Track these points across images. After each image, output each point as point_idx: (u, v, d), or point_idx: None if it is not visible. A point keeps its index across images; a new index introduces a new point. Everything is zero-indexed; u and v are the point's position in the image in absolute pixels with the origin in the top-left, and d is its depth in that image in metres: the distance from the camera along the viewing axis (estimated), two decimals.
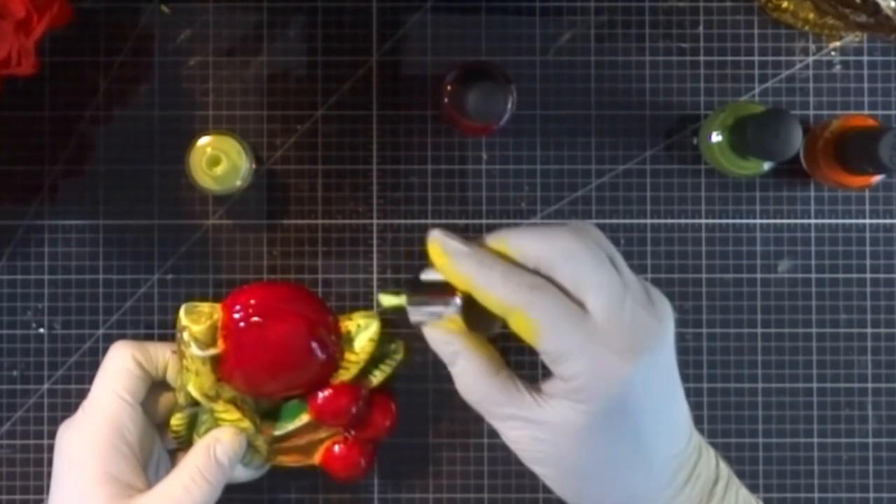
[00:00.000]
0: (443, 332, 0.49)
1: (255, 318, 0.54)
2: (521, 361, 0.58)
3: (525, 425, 0.48)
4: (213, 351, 0.53)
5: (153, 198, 0.60)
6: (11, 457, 0.60)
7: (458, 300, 0.49)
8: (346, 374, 0.55)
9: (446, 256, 0.48)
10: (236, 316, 0.53)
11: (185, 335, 0.53)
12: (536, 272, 0.47)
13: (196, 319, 0.53)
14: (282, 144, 0.60)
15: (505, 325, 0.48)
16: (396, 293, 0.52)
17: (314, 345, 0.54)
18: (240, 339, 0.53)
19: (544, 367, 0.47)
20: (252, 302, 0.54)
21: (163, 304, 0.60)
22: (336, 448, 0.57)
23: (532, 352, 0.47)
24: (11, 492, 0.60)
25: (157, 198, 0.60)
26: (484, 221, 0.60)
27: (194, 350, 0.53)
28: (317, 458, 0.57)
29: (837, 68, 0.60)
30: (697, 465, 0.49)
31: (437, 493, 0.60)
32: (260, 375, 0.54)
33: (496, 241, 0.49)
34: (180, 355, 0.54)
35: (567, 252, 0.47)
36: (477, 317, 0.49)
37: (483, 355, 0.48)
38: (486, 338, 0.50)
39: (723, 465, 0.51)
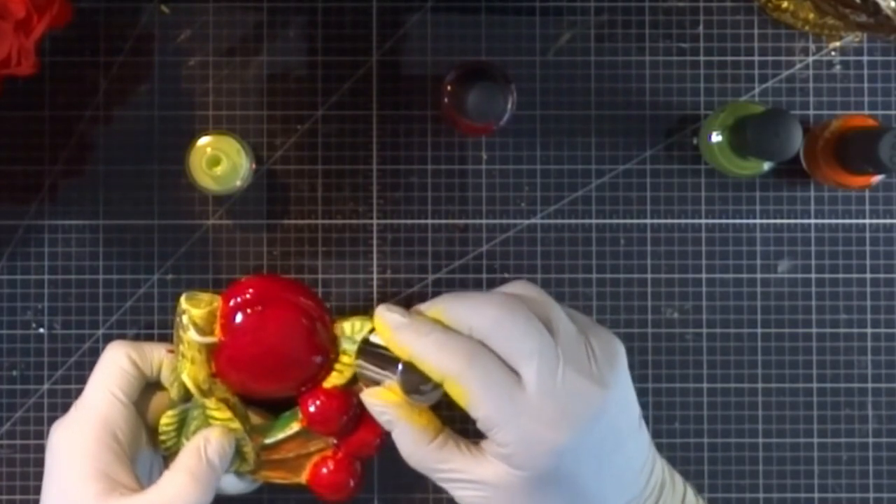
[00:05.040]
0: (378, 401, 0.52)
1: (253, 308, 0.54)
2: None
3: (466, 485, 0.49)
4: (210, 339, 0.54)
5: (153, 198, 0.60)
6: (11, 457, 0.60)
7: (397, 369, 0.51)
8: (339, 378, 0.55)
9: (388, 329, 0.51)
10: (234, 305, 0.54)
11: (185, 318, 0.53)
12: (471, 339, 0.49)
13: (196, 304, 0.54)
14: (282, 144, 0.60)
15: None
16: (353, 342, 0.55)
17: (310, 338, 0.54)
18: (237, 327, 0.54)
19: None
20: (250, 291, 0.54)
21: (163, 304, 0.60)
22: (324, 469, 0.57)
23: None
24: (11, 492, 0.60)
25: (157, 198, 0.60)
26: (484, 221, 0.60)
27: (192, 334, 0.53)
28: (304, 477, 0.57)
29: (837, 68, 0.60)
30: None
31: (436, 493, 0.60)
32: (255, 368, 0.54)
33: (433, 310, 0.51)
34: (177, 342, 0.54)
35: (496, 323, 0.49)
36: (420, 385, 0.51)
37: (417, 424, 0.51)
38: (427, 405, 0.52)
39: (690, 498, 0.51)
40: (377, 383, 0.53)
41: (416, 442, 0.51)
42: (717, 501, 0.59)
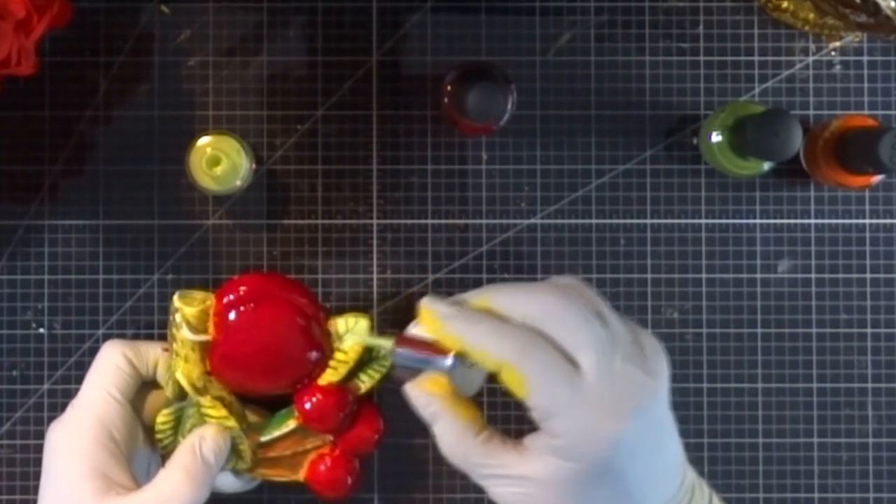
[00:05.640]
0: (424, 393, 0.50)
1: (246, 305, 0.54)
2: (507, 416, 0.59)
3: (509, 482, 0.48)
4: (203, 337, 0.54)
5: (153, 198, 0.60)
6: (11, 457, 0.60)
7: (449, 359, 0.49)
8: (334, 375, 0.55)
9: (438, 320, 0.49)
10: (227, 302, 0.54)
11: (178, 317, 0.53)
12: (525, 327, 0.48)
13: (189, 303, 0.54)
14: (282, 144, 0.60)
15: (491, 381, 0.49)
16: (382, 335, 0.53)
17: (304, 335, 0.54)
18: (230, 325, 0.54)
19: (529, 423, 0.47)
20: (244, 289, 0.54)
21: (163, 305, 0.60)
22: (321, 466, 0.57)
23: (518, 407, 0.47)
24: (11, 492, 0.60)
25: (157, 198, 0.60)
26: (484, 221, 0.60)
27: (185, 333, 0.53)
28: (302, 474, 0.57)
29: (837, 68, 0.60)
30: None
31: (436, 493, 0.60)
32: (249, 365, 0.54)
33: (480, 299, 0.50)
34: (171, 340, 0.54)
35: (551, 311, 0.48)
36: (460, 376, 0.50)
37: (462, 417, 0.49)
38: (468, 397, 0.50)
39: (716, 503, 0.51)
40: (415, 376, 0.51)
41: (461, 436, 0.49)
42: None
